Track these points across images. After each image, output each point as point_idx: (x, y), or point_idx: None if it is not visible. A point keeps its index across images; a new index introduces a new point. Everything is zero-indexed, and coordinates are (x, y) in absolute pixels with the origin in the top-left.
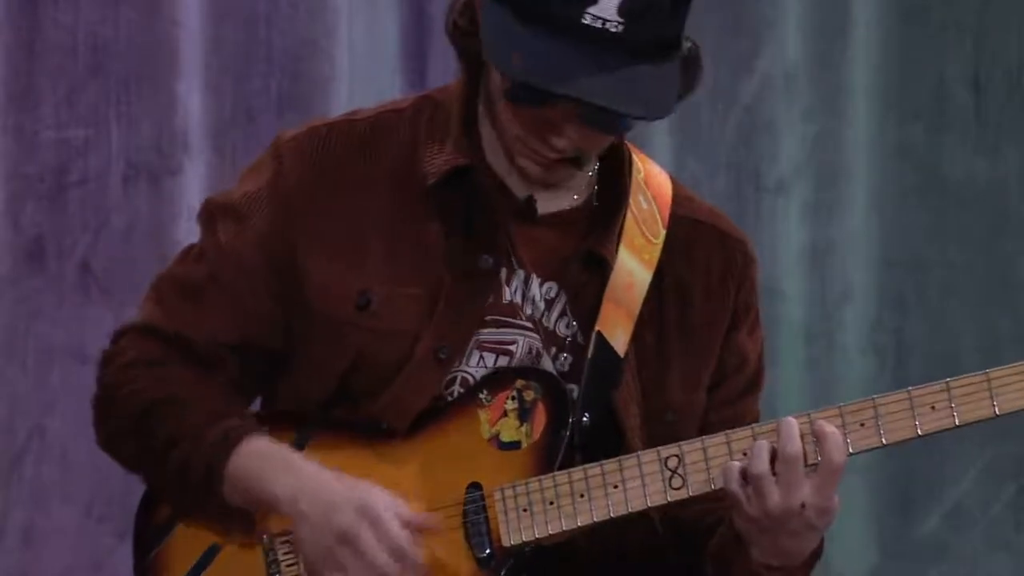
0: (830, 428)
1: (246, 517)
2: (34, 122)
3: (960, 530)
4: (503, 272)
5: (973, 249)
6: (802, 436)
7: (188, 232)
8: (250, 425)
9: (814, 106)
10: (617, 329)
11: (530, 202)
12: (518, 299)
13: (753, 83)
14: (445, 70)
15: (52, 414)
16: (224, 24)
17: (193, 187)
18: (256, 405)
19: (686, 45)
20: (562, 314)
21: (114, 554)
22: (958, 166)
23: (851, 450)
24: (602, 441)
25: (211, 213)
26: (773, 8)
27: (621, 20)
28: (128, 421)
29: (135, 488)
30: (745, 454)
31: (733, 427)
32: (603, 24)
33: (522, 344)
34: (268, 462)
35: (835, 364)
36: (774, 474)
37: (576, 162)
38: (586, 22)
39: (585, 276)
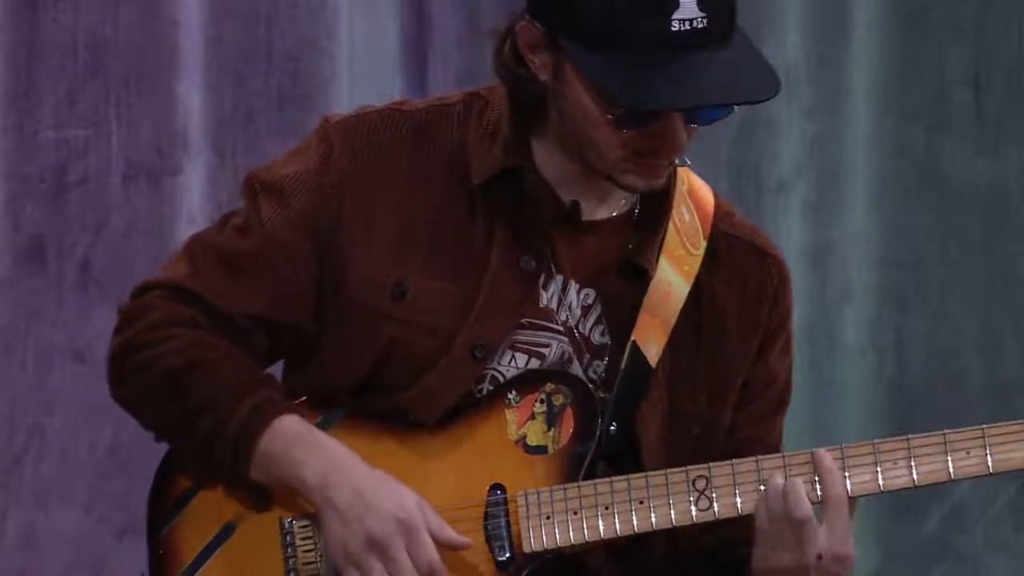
0: (829, 461)
1: (264, 494)
2: (34, 122)
3: (960, 530)
4: (542, 276)
5: (973, 249)
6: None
7: (188, 232)
8: (280, 401)
9: (814, 106)
10: (651, 340)
11: (575, 207)
12: (554, 304)
13: None
14: (445, 70)
15: (52, 414)
16: (224, 24)
17: (193, 187)
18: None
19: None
20: (597, 321)
21: (114, 554)
22: (958, 166)
23: (882, 488)
24: (623, 451)
25: (255, 187)
26: (773, 8)
27: (704, 13)
28: (154, 382)
29: (135, 488)
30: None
31: (758, 445)
32: (691, 25)
33: (555, 348)
34: (298, 444)
35: (835, 364)
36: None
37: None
38: (675, 29)
39: (623, 285)
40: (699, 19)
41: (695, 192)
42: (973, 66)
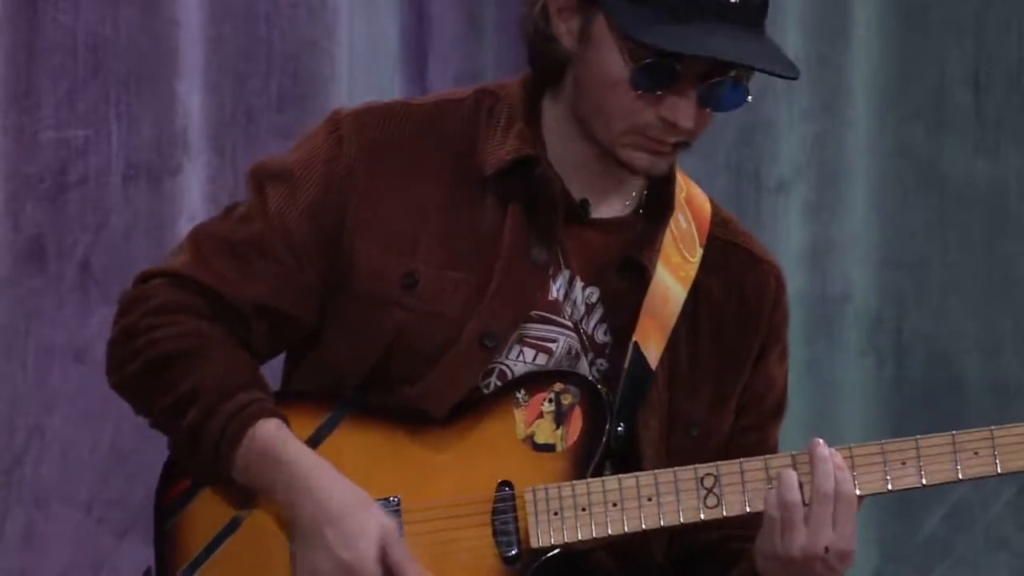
0: (824, 451)
1: (250, 493)
2: (34, 122)
3: (960, 530)
4: (551, 268)
5: (973, 249)
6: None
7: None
8: (263, 403)
9: (814, 106)
10: (651, 342)
11: (584, 204)
12: (561, 298)
13: (753, 83)
14: (445, 70)
15: (52, 414)
16: (224, 24)
17: (193, 187)
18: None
19: None
20: (601, 320)
21: (114, 554)
22: (958, 166)
23: (890, 487)
24: (626, 452)
25: (261, 177)
26: (773, 8)
27: None
28: (148, 367)
29: (135, 488)
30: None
31: (754, 453)
32: None
33: (562, 343)
34: (269, 455)
35: (835, 364)
36: (805, 505)
37: (683, 146)
38: None
39: (623, 284)
40: None
41: (693, 200)
42: (973, 66)
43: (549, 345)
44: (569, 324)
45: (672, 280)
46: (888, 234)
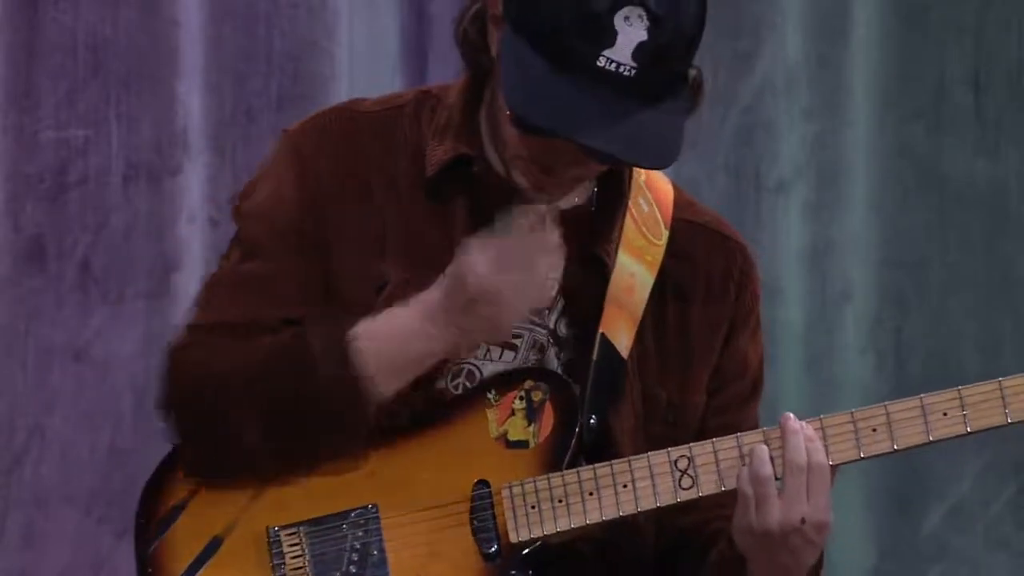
0: (795, 424)
1: (231, 510)
2: (34, 122)
3: (960, 530)
4: None
5: (973, 249)
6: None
7: (188, 232)
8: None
9: (814, 106)
10: (620, 331)
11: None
12: None
13: (753, 83)
14: (445, 70)
15: (52, 414)
16: (224, 24)
17: (193, 187)
18: None
19: (691, 73)
20: (561, 314)
21: (114, 554)
22: (958, 166)
23: (863, 455)
24: (600, 443)
25: (243, 220)
26: (773, 8)
27: (635, 64)
28: (232, 382)
29: (135, 488)
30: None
31: (733, 433)
32: (617, 68)
33: (527, 338)
34: (385, 318)
35: (835, 364)
36: (777, 479)
37: (574, 183)
38: (600, 64)
39: (583, 277)
40: (627, 67)
41: (653, 183)
42: (973, 66)
43: (513, 341)
44: (535, 318)
45: (637, 265)
46: (888, 234)
